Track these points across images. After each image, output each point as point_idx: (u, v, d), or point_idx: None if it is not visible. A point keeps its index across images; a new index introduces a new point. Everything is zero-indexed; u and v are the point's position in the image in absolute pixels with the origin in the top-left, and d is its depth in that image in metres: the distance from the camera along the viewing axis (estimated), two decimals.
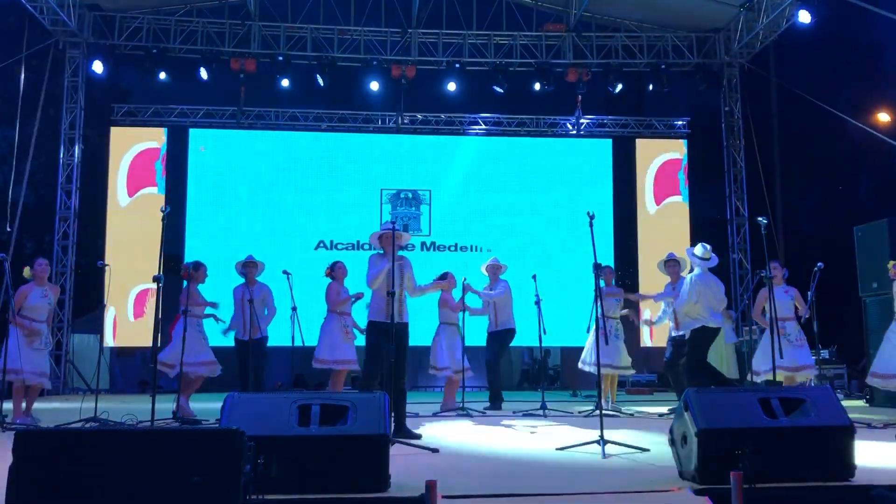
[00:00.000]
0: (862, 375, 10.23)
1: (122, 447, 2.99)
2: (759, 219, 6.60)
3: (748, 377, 7.64)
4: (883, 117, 14.47)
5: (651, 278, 13.52)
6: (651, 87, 13.82)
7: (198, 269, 7.77)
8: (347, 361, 7.95)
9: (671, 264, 8.30)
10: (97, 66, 12.75)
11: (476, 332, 9.13)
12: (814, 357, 7.84)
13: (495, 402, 8.61)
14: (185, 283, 7.60)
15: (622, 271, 15.05)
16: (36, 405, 7.21)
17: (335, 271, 8.18)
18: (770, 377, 7.32)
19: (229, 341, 8.02)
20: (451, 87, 13.34)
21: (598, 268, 5.51)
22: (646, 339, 13.28)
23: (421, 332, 8.83)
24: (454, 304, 8.39)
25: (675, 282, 8.11)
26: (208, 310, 7.81)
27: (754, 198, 14.07)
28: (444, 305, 8.48)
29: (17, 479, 2.84)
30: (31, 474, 2.86)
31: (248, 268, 8.08)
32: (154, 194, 13.06)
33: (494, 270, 8.91)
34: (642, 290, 13.04)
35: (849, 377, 11.15)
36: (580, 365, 8.51)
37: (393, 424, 4.72)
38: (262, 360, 7.96)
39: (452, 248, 13.36)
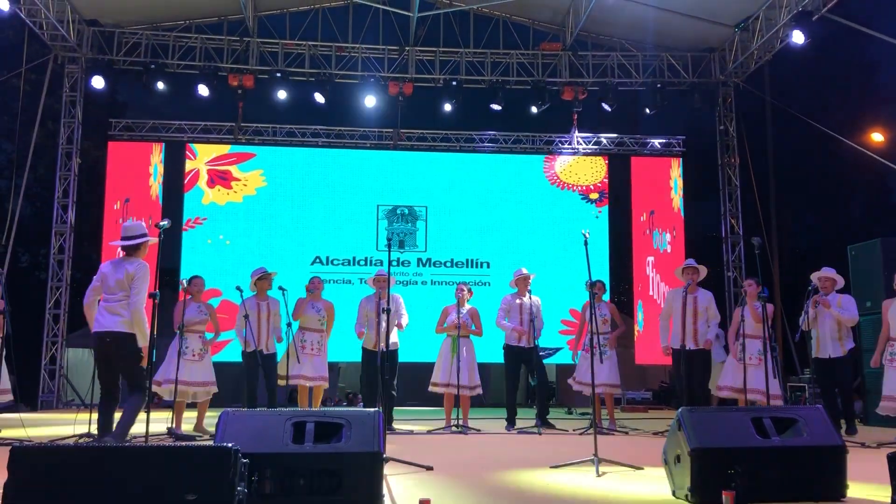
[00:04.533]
0: (856, 393, 10.24)
1: (117, 464, 3.00)
2: (753, 240, 6.64)
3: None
4: (876, 137, 14.58)
5: (646, 294, 13.60)
6: (646, 105, 13.92)
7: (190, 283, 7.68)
8: (300, 377, 7.90)
9: (689, 271, 7.93)
10: (98, 82, 12.72)
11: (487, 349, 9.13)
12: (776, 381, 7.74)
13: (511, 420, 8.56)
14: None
15: (618, 287, 15.12)
16: (28, 418, 7.18)
17: (311, 286, 8.22)
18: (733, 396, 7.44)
19: (234, 356, 7.94)
20: (448, 106, 13.40)
21: (591, 286, 5.53)
22: (640, 357, 13.30)
23: (417, 348, 8.88)
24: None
25: (694, 291, 7.86)
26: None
27: (749, 215, 14.14)
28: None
29: (11, 494, 2.84)
30: (25, 490, 2.87)
31: (263, 281, 7.99)
32: (151, 209, 13.07)
33: (524, 282, 8.51)
34: (638, 302, 13.12)
35: None
36: (569, 381, 8.47)
37: None
38: (274, 376, 7.91)
39: (448, 264, 13.38)
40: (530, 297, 8.46)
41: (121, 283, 5.44)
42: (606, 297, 8.83)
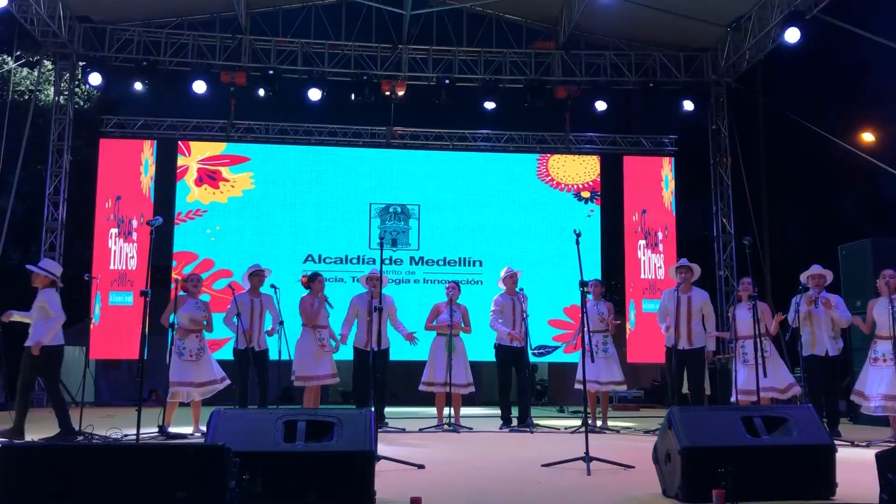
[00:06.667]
0: (846, 394, 10.31)
1: (108, 462, 2.99)
2: (744, 239, 6.67)
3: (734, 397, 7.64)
4: (867, 137, 14.65)
5: (637, 291, 13.63)
6: (639, 104, 13.93)
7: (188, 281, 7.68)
8: (322, 377, 7.94)
9: (682, 270, 7.93)
10: (94, 79, 12.68)
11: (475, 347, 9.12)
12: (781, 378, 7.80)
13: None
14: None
15: (609, 285, 15.16)
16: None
17: (314, 283, 8.17)
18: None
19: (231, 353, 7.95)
20: (441, 104, 13.40)
21: (583, 285, 5.54)
22: (632, 355, 13.32)
23: (408, 347, 8.86)
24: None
25: (688, 291, 7.86)
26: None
27: (741, 215, 14.18)
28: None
29: (2, 493, 2.83)
30: (16, 489, 2.86)
31: (256, 278, 7.99)
32: (143, 206, 13.02)
33: (511, 280, 8.55)
34: (630, 301, 13.15)
35: None
36: (576, 385, 8.42)
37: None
38: (266, 373, 7.93)
39: (441, 263, 13.38)
40: (519, 296, 8.47)
41: None
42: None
